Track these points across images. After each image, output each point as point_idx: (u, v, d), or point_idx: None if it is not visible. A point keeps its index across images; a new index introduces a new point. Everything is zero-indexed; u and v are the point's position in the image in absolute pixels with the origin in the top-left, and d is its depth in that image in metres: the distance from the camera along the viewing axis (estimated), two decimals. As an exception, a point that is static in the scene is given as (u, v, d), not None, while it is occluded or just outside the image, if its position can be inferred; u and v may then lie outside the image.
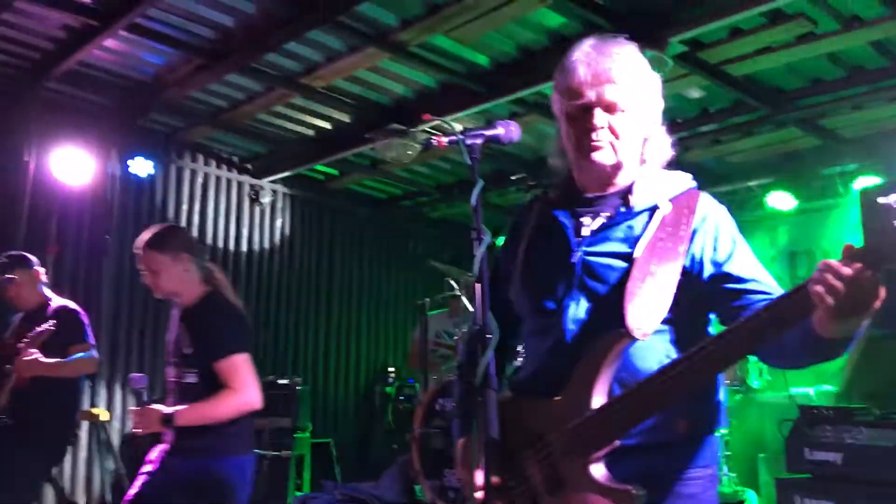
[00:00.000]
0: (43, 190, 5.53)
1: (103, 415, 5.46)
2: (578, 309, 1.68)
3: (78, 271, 5.81)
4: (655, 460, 1.62)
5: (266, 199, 7.09)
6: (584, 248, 1.72)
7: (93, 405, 5.65)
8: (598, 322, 1.64)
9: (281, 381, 6.14)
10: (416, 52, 4.86)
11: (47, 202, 5.58)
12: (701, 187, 1.82)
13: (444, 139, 1.78)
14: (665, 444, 1.62)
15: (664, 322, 1.63)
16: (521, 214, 1.94)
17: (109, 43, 4.86)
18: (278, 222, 7.24)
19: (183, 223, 6.51)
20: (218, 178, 6.82)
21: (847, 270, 1.32)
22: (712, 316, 1.75)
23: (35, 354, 3.80)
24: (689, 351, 1.52)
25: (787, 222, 6.09)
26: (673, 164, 1.86)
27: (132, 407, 3.23)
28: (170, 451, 3.01)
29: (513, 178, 6.92)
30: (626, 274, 1.64)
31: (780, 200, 6.03)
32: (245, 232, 6.98)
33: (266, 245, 7.13)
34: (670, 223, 1.68)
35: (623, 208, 1.74)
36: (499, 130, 1.83)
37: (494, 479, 1.55)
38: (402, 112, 5.71)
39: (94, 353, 4.14)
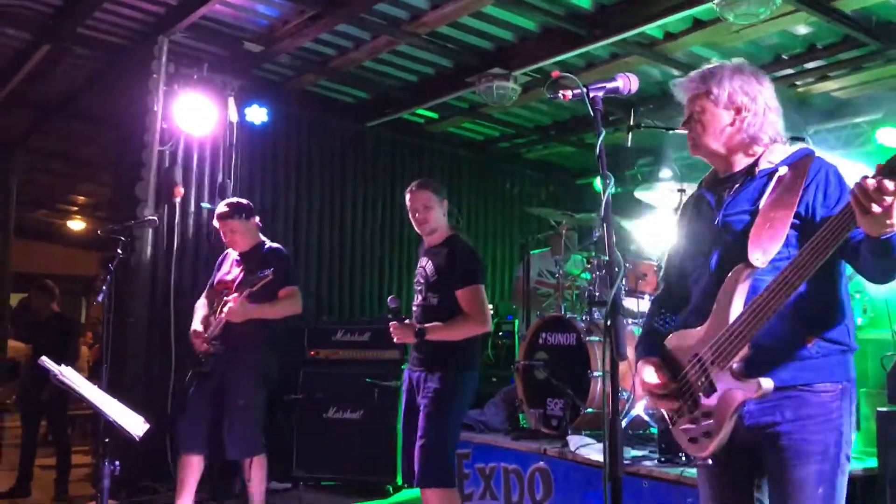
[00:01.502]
0: (169, 137, 5.93)
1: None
2: (718, 257, 2.17)
3: (201, 212, 6.22)
4: (788, 372, 2.03)
5: (370, 143, 7.36)
6: (723, 212, 2.21)
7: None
8: (731, 262, 2.08)
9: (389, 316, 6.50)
10: (519, -5, 4.96)
11: (173, 148, 6.00)
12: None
13: (569, 93, 1.97)
14: (796, 359, 2.04)
15: (786, 259, 2.00)
16: (687, 201, 2.48)
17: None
18: (380, 165, 7.52)
19: (292, 167, 6.87)
20: (324, 123, 7.12)
21: (871, 182, 1.69)
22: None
23: (243, 301, 4.33)
24: (785, 267, 1.94)
25: (896, 159, 5.95)
26: (782, 102, 2.27)
27: (391, 323, 3.76)
28: (413, 369, 3.80)
29: (611, 119, 6.97)
30: (749, 223, 2.10)
31: (890, 136, 5.90)
32: (350, 175, 7.29)
33: (370, 188, 7.43)
34: (787, 182, 2.11)
35: (749, 177, 2.21)
36: (618, 83, 2.03)
37: (671, 384, 2.16)
38: (502, 56, 5.83)
39: (298, 296, 4.65)
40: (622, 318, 1.64)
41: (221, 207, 4.75)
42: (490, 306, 4.03)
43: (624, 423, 4.56)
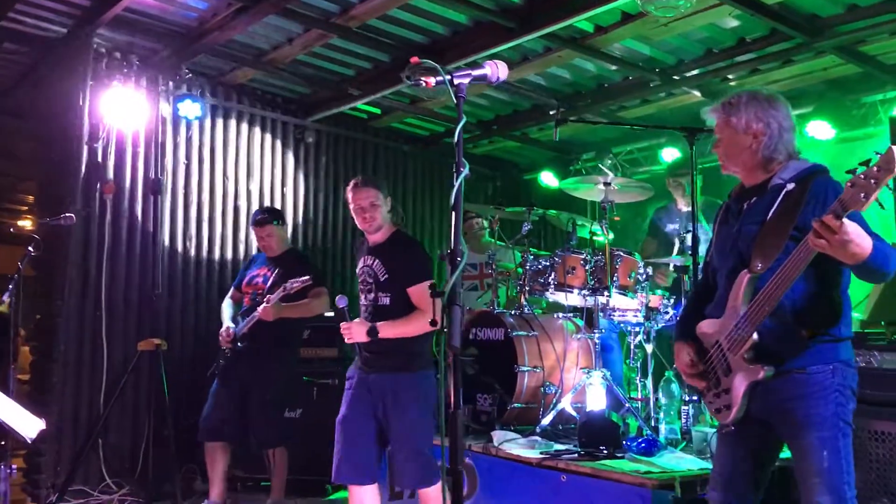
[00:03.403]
0: (98, 132, 5.81)
1: (164, 344, 5.85)
2: (733, 260, 2.62)
3: (134, 210, 6.12)
4: (788, 359, 2.48)
5: (310, 139, 7.29)
6: (741, 222, 2.65)
7: (153, 335, 5.99)
8: (742, 266, 2.56)
9: (328, 314, 6.44)
10: (447, -12, 4.94)
11: (103, 144, 5.88)
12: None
13: (432, 80, 1.94)
14: (794, 348, 2.48)
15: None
16: (721, 207, 2.89)
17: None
18: (323, 161, 7.45)
19: (230, 163, 6.78)
20: (263, 119, 7.03)
21: (816, 223, 2.15)
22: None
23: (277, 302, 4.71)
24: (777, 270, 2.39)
25: (827, 151, 6.02)
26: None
27: (342, 322, 3.80)
28: (366, 370, 3.75)
29: (551, 112, 6.96)
30: (757, 233, 2.54)
31: (820, 130, 5.95)
32: (290, 171, 7.21)
33: (311, 183, 7.36)
34: (793, 196, 2.50)
35: (763, 192, 2.61)
36: (486, 70, 2.00)
37: (700, 366, 2.68)
38: (437, 50, 5.80)
39: (326, 296, 5.05)
40: (459, 308, 1.62)
41: (258, 214, 5.21)
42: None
43: (550, 418, 4.56)
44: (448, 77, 1.89)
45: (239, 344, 4.92)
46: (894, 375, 3.49)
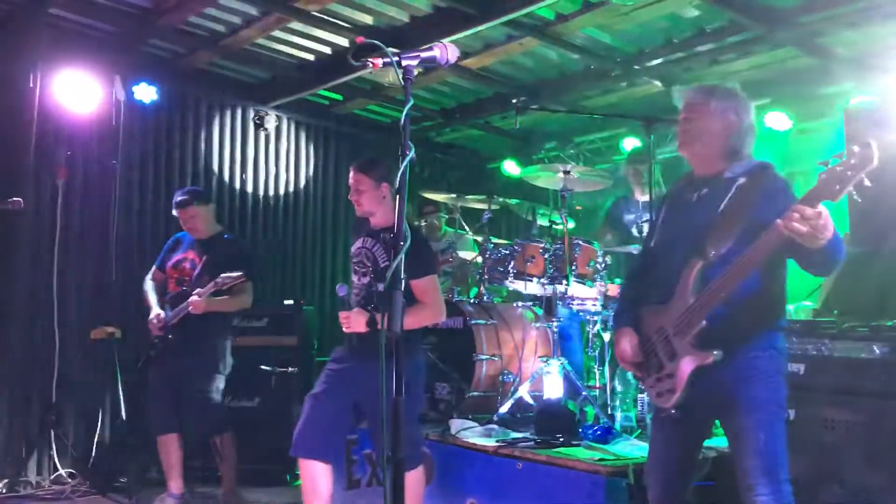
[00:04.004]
0: (50, 116, 5.66)
1: (117, 332, 5.75)
2: (684, 248, 2.66)
3: (88, 195, 5.99)
4: (732, 345, 2.56)
5: (271, 125, 7.18)
6: (693, 210, 2.72)
7: (107, 323, 5.88)
8: (693, 254, 2.62)
9: (287, 302, 6.38)
10: (406, -28, 4.89)
11: (55, 128, 5.73)
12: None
13: (379, 61, 1.90)
14: (738, 334, 2.58)
15: (735, 254, 2.51)
16: (667, 194, 2.98)
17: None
18: (283, 147, 7.36)
19: (188, 149, 6.66)
20: (222, 104, 6.92)
21: (794, 214, 2.22)
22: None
23: (208, 295, 4.65)
24: (734, 261, 2.47)
25: (785, 143, 6.09)
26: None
27: (341, 311, 3.69)
28: (353, 355, 3.69)
29: (513, 101, 6.93)
30: (709, 223, 2.61)
31: (777, 121, 6.02)
32: (251, 157, 7.10)
33: (272, 170, 7.26)
34: (745, 189, 2.60)
35: (717, 183, 2.69)
36: (435, 52, 1.98)
37: (640, 351, 2.75)
38: (397, 35, 5.74)
39: (251, 290, 4.95)
40: (399, 292, 1.59)
41: (179, 196, 5.00)
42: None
43: (508, 406, 4.56)
44: (396, 59, 1.85)
45: (169, 336, 4.80)
46: (844, 363, 3.53)
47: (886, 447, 3.25)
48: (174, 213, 5.05)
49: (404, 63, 1.86)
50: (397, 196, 1.69)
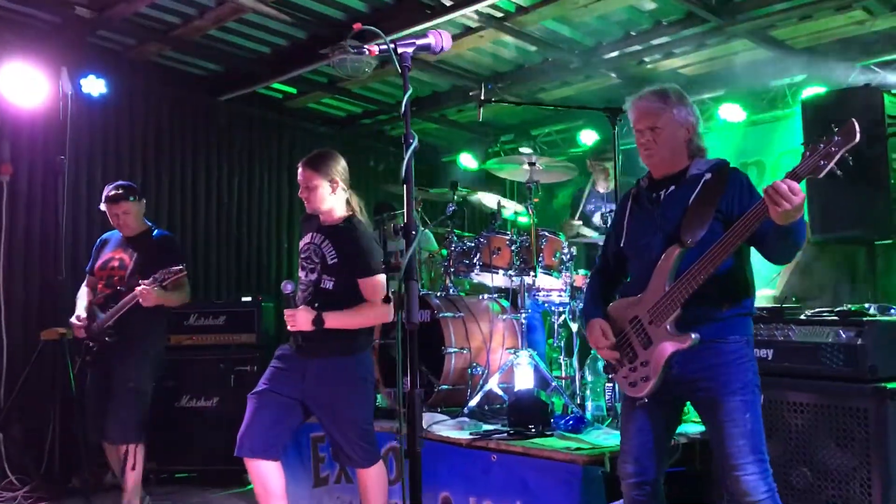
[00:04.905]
0: (-7, 109, 5.46)
1: (68, 333, 5.55)
2: (658, 241, 2.74)
3: (34, 191, 5.78)
4: (709, 329, 2.63)
5: (222, 119, 7.03)
6: (662, 207, 2.79)
7: (57, 323, 5.68)
8: (666, 243, 2.70)
9: (245, 299, 6.26)
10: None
11: (-1, 121, 5.53)
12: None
13: (375, 48, 1.85)
14: (714, 320, 2.65)
15: (709, 242, 2.57)
16: (624, 197, 3.03)
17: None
18: (237, 142, 7.21)
19: (138, 142, 6.47)
20: (172, 97, 6.74)
21: (783, 186, 2.26)
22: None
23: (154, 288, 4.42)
24: (709, 247, 2.53)
25: (738, 134, 6.22)
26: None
27: (286, 309, 3.55)
28: (299, 352, 3.58)
29: (470, 94, 6.94)
30: (682, 216, 2.69)
31: (731, 112, 6.13)
32: (202, 152, 6.94)
33: (224, 165, 7.11)
34: (711, 184, 2.71)
35: (682, 180, 2.78)
36: (429, 39, 1.94)
37: (614, 340, 2.78)
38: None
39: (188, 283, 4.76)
40: (415, 283, 1.56)
41: (112, 190, 4.76)
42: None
43: (478, 399, 4.55)
44: (392, 46, 1.81)
45: (107, 338, 4.58)
46: (810, 349, 3.60)
47: (852, 430, 3.33)
48: (102, 207, 4.79)
49: (400, 50, 1.82)
50: (404, 186, 1.65)
